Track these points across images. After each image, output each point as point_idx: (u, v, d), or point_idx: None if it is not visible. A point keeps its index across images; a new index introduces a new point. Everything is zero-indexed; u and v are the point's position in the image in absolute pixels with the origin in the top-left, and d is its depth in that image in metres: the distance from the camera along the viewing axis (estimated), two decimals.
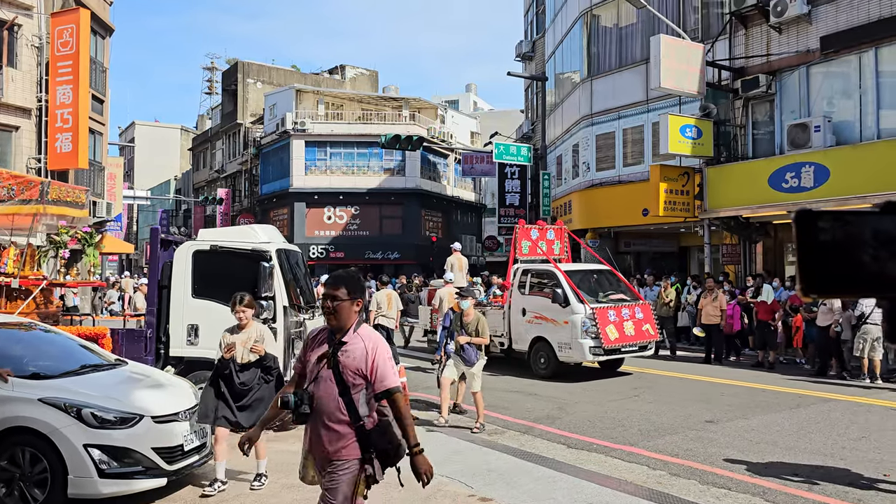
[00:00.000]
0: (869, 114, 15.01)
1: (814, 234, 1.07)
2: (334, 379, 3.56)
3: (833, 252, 1.07)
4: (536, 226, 14.59)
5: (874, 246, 1.05)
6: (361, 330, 3.65)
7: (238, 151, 45.49)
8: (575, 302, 12.18)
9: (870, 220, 1.07)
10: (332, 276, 3.78)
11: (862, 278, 1.06)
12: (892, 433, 8.23)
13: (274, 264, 8.26)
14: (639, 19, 20.26)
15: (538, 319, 12.75)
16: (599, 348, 11.96)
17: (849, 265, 1.06)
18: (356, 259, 35.10)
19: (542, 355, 12.71)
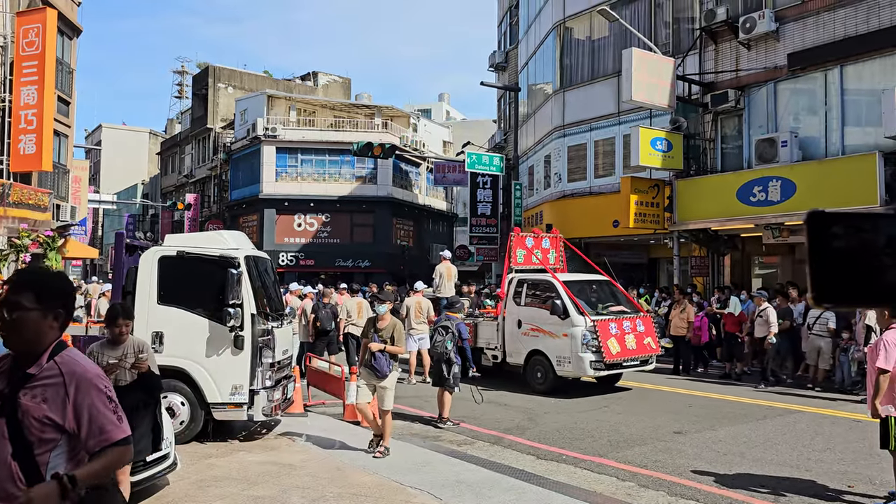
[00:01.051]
0: (834, 130, 15.30)
1: (826, 239, 1.01)
2: (7, 433, 2.34)
3: (847, 259, 1.01)
4: (532, 234, 14.02)
5: (889, 252, 0.99)
6: (63, 357, 2.44)
7: (207, 156, 44.97)
8: (575, 314, 11.69)
9: (885, 225, 1.01)
10: (17, 274, 2.58)
11: (877, 287, 1.00)
12: (857, 445, 8.34)
13: (242, 271, 8.12)
14: (611, 32, 20.47)
15: (535, 332, 12.27)
16: (601, 362, 11.46)
17: (864, 273, 1.00)
18: (326, 267, 34.85)
19: (540, 369, 12.17)
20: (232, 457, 7.70)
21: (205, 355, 8.11)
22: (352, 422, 9.69)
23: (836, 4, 15.08)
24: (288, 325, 9.66)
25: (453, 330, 9.90)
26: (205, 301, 8.23)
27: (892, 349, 5.80)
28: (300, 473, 7.04)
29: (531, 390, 12.08)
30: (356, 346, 13.73)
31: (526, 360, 12.45)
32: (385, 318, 8.06)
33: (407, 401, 11.62)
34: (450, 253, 17.01)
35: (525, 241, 13.59)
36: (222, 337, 8.08)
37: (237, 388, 8.11)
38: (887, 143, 13.67)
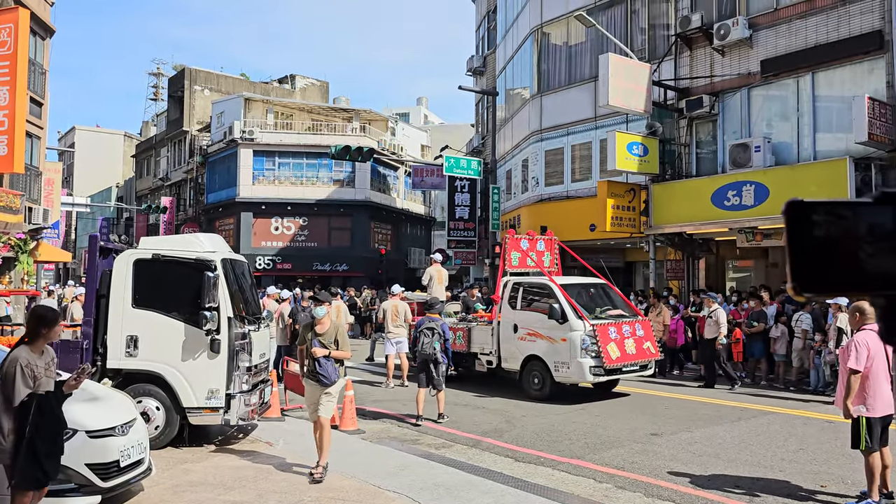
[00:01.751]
0: (806, 136, 15.55)
1: (806, 228, 1.02)
2: None
3: (827, 247, 1.01)
4: (526, 236, 13.58)
5: (869, 240, 1.00)
6: None
7: (183, 159, 44.56)
8: (573, 318, 11.39)
9: (865, 213, 1.02)
10: None
11: (858, 275, 1.01)
12: (829, 445, 8.47)
13: (219, 274, 8.06)
14: (588, 38, 20.62)
15: (532, 336, 11.92)
16: (600, 368, 11.20)
17: (844, 261, 1.01)
18: (304, 271, 34.68)
19: (536, 375, 11.87)
20: (208, 461, 7.63)
21: (180, 359, 8.03)
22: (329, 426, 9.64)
23: (808, 12, 15.33)
24: (265, 328, 9.61)
25: (438, 331, 10.12)
26: (181, 304, 8.15)
27: (863, 350, 5.91)
28: (277, 478, 7.00)
29: (527, 396, 11.78)
30: None
31: (522, 366, 12.13)
32: (324, 322, 7.47)
33: (385, 404, 11.60)
34: (441, 256, 16.55)
35: (520, 243, 13.23)
36: (198, 340, 8.01)
37: (213, 393, 8.04)
38: (857, 149, 13.92)
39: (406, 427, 9.92)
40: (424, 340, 10.12)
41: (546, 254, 13.60)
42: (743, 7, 16.52)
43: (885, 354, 6.00)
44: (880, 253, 0.99)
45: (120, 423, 5.91)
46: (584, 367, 11.16)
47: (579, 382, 11.74)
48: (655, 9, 18.95)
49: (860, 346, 5.91)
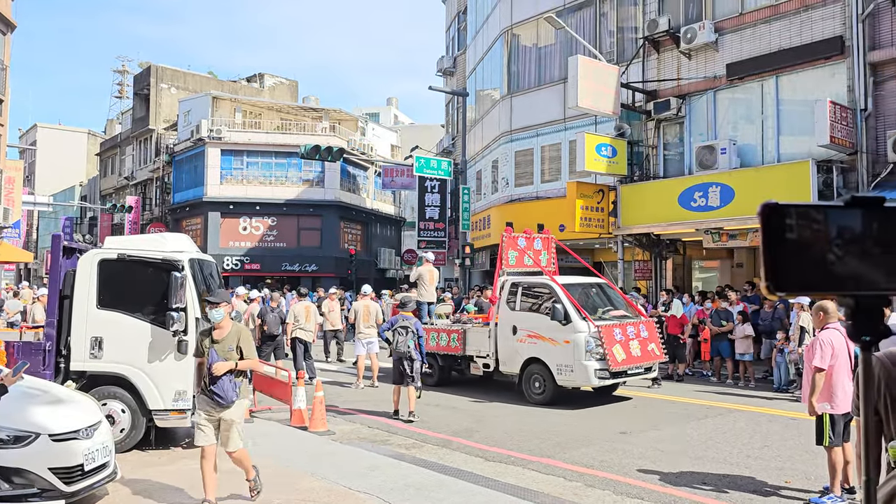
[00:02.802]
0: (770, 138, 15.84)
1: (779, 229, 1.04)
2: None
3: (799, 249, 1.04)
4: (524, 234, 13.13)
5: (839, 242, 1.04)
6: None
7: (149, 158, 43.88)
8: (577, 319, 10.95)
9: (835, 216, 1.05)
10: None
11: (828, 276, 1.04)
12: (793, 442, 8.63)
13: (186, 274, 7.94)
14: (557, 40, 20.76)
15: (532, 338, 11.47)
16: (605, 371, 10.77)
17: (815, 262, 1.04)
18: (273, 271, 34.38)
19: (537, 379, 11.42)
20: (175, 464, 7.52)
21: (147, 361, 7.91)
22: (299, 427, 9.58)
23: (772, 17, 15.62)
24: None
25: (412, 329, 10.34)
26: (147, 305, 8.03)
27: (827, 349, 6.03)
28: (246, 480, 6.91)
29: (528, 401, 11.40)
30: (304, 351, 13.61)
31: (522, 369, 11.67)
32: (223, 326, 6.21)
33: (355, 405, 11.55)
34: (433, 255, 16.01)
35: (517, 241, 12.79)
36: (165, 342, 7.89)
37: (181, 394, 7.92)
38: (819, 152, 14.21)
39: (376, 428, 9.89)
40: (399, 339, 10.30)
41: (543, 252, 13.27)
42: (709, 11, 16.78)
43: (848, 352, 6.13)
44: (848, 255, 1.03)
45: (84, 426, 5.79)
46: (589, 370, 10.73)
47: (584, 386, 11.35)
48: (624, 12, 19.15)
49: (824, 345, 6.03)
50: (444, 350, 13.06)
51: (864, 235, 1.04)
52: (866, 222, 1.05)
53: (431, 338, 12.99)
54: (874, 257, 1.04)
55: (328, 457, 7.91)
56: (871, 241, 1.04)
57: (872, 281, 1.04)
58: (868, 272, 1.04)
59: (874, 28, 14.12)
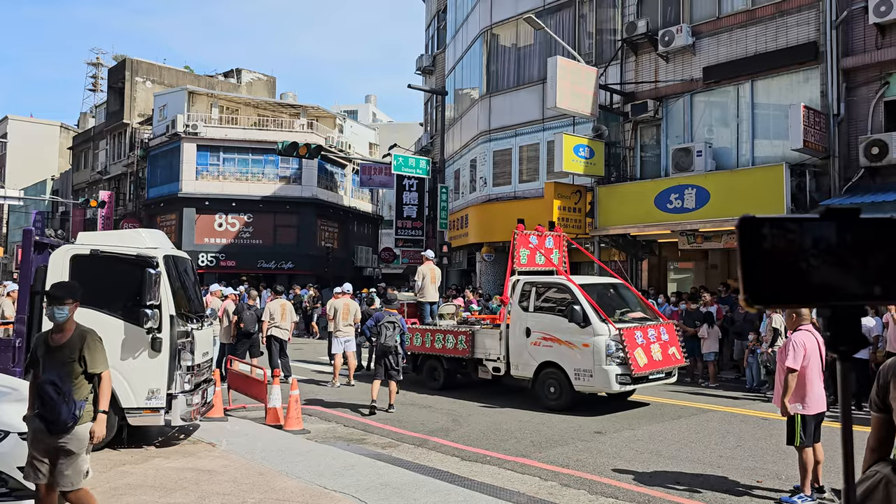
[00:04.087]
0: (745, 141, 16.04)
1: (757, 242, 1.06)
2: None
3: (775, 260, 1.06)
4: (535, 232, 12.60)
5: (814, 253, 1.06)
6: None
7: (123, 153, 43.30)
8: (597, 321, 10.43)
9: (810, 227, 1.07)
10: None
11: (805, 287, 1.06)
12: (765, 442, 8.74)
13: (161, 271, 7.85)
14: (536, 41, 20.83)
15: (548, 341, 10.94)
16: (627, 376, 10.23)
17: (792, 274, 1.06)
18: (248, 268, 34.10)
19: (553, 384, 10.91)
20: (148, 463, 7.43)
21: (119, 358, 7.78)
22: (274, 426, 9.52)
23: (748, 22, 15.81)
24: (208, 327, 9.41)
25: (398, 324, 10.80)
26: (120, 302, 7.92)
27: (799, 350, 6.12)
28: (220, 479, 6.86)
29: (543, 406, 10.91)
30: (279, 349, 13.53)
31: (536, 374, 11.16)
32: (66, 329, 4.95)
33: (332, 404, 11.50)
34: (433, 253, 15.38)
35: (529, 239, 12.28)
36: (139, 339, 7.79)
37: (154, 392, 7.83)
38: (793, 156, 14.41)
39: (353, 427, 9.87)
40: (387, 333, 10.67)
41: (555, 251, 12.79)
42: (687, 15, 16.94)
43: (819, 354, 6.23)
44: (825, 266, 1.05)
45: None
46: (610, 376, 10.20)
47: (603, 392, 10.70)
48: (603, 14, 19.27)
49: (797, 346, 6.12)
50: (450, 353, 12.52)
51: (839, 247, 1.07)
52: (842, 234, 1.07)
53: (437, 340, 12.68)
54: (850, 268, 1.07)
55: (303, 456, 7.87)
56: (846, 252, 1.07)
57: (848, 291, 1.07)
58: (844, 283, 1.07)
59: (847, 35, 14.36)
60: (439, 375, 12.91)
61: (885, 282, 1.07)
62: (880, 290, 1.07)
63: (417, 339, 13.10)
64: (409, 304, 14.16)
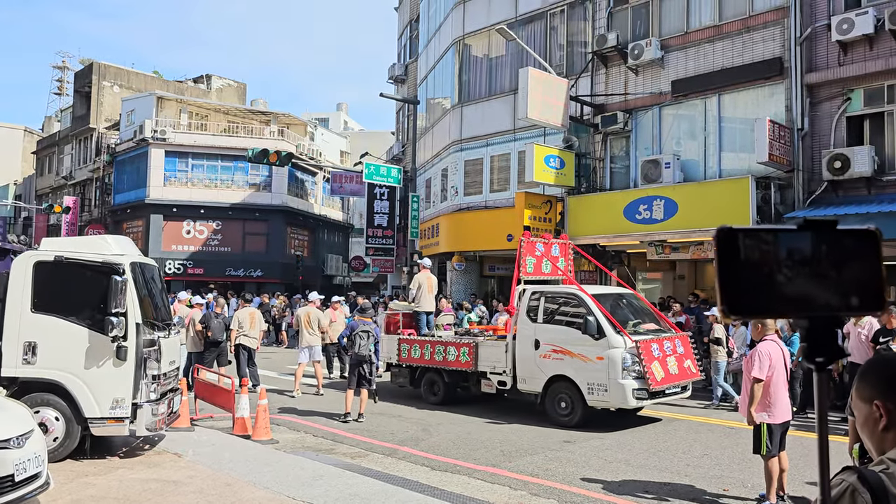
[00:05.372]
0: (712, 154, 16.29)
1: (734, 254, 1.06)
2: None
3: (753, 271, 1.06)
4: (542, 239, 12.18)
5: (791, 265, 1.06)
6: None
7: (89, 158, 42.59)
8: (612, 333, 9.98)
9: (788, 239, 1.07)
10: None
11: (781, 298, 1.07)
12: (731, 451, 8.85)
13: (127, 278, 7.72)
14: (508, 52, 20.97)
15: (558, 354, 10.44)
16: (644, 391, 9.79)
17: (769, 286, 1.06)
18: (216, 276, 33.72)
19: (564, 398, 10.42)
20: (111, 475, 7.29)
21: (83, 367, 7.65)
22: (242, 436, 9.40)
23: (716, 37, 16.10)
24: (175, 335, 9.27)
25: (373, 333, 10.79)
26: (85, 309, 7.78)
27: (765, 359, 6.22)
28: (186, 490, 6.75)
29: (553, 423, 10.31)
30: (247, 358, 13.39)
31: (545, 388, 10.63)
32: None
33: (301, 413, 11.39)
34: (430, 261, 14.90)
35: (535, 247, 11.87)
36: (103, 347, 7.65)
37: (118, 402, 7.69)
38: (759, 168, 14.67)
39: (322, 437, 9.78)
40: (360, 342, 10.65)
41: (560, 259, 12.36)
42: (656, 29, 17.20)
43: (784, 363, 6.34)
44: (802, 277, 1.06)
45: (15, 435, 5.56)
46: (626, 390, 9.73)
47: (619, 407, 10.24)
48: (573, 26, 19.47)
49: (763, 356, 6.22)
50: (451, 365, 11.90)
51: (816, 258, 1.07)
52: (818, 245, 1.07)
53: (438, 352, 12.10)
54: (827, 279, 1.06)
55: (271, 466, 7.78)
56: (823, 263, 1.07)
57: (825, 303, 1.07)
58: (821, 294, 1.06)
59: (811, 51, 14.69)
60: (439, 389, 12.29)
61: (861, 293, 1.07)
62: (857, 301, 1.08)
63: (416, 350, 12.47)
64: (404, 315, 13.60)
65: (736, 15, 15.86)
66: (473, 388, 11.97)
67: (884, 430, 1.58)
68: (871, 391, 1.61)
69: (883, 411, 1.57)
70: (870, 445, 1.64)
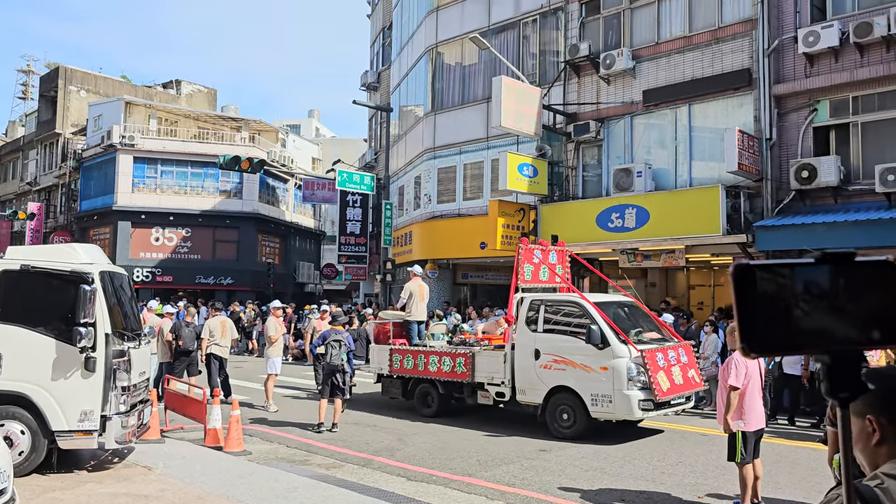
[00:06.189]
0: (682, 163, 16.50)
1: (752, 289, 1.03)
2: None
3: (771, 307, 1.03)
4: (539, 246, 11.89)
5: (810, 299, 1.04)
6: None
7: (55, 163, 41.82)
8: (616, 343, 9.73)
9: (805, 272, 1.05)
10: None
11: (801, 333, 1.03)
12: (705, 458, 8.93)
13: (96, 288, 7.56)
14: (481, 60, 21.05)
15: (560, 364, 10.14)
16: (650, 401, 9.51)
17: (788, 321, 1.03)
18: (186, 284, 33.27)
19: (566, 410, 10.12)
20: (79, 489, 7.11)
21: (50, 378, 7.46)
22: (213, 447, 9.24)
23: (686, 48, 16.33)
24: (146, 345, 9.10)
25: (345, 342, 10.71)
26: (52, 319, 7.59)
27: (741, 368, 6.28)
28: None
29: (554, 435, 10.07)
30: (218, 367, 13.19)
31: (546, 399, 10.32)
32: None
33: (273, 424, 11.25)
34: (421, 268, 14.43)
35: (533, 254, 11.54)
36: (72, 358, 7.47)
37: (87, 414, 7.50)
38: (728, 178, 14.88)
39: (295, 447, 9.66)
40: (332, 352, 10.58)
41: (558, 266, 12.09)
42: (627, 39, 17.39)
43: (759, 372, 6.41)
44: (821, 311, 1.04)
45: None
46: (632, 401, 9.47)
47: (624, 419, 9.95)
48: (546, 35, 19.61)
49: (739, 365, 6.28)
50: (446, 376, 11.53)
51: (835, 291, 1.05)
52: (836, 277, 1.05)
53: (432, 362, 11.74)
54: (846, 312, 1.05)
55: (245, 478, 7.65)
56: (842, 296, 1.05)
57: (846, 336, 1.05)
58: (841, 328, 1.04)
59: (779, 62, 14.96)
60: (432, 401, 11.92)
61: (882, 325, 1.05)
62: (879, 335, 1.06)
63: (409, 361, 12.08)
64: (394, 324, 13.18)
65: (706, 26, 16.10)
66: (469, 399, 11.61)
67: (877, 444, 1.58)
68: (864, 406, 1.61)
69: (876, 426, 1.58)
70: (862, 460, 1.64)
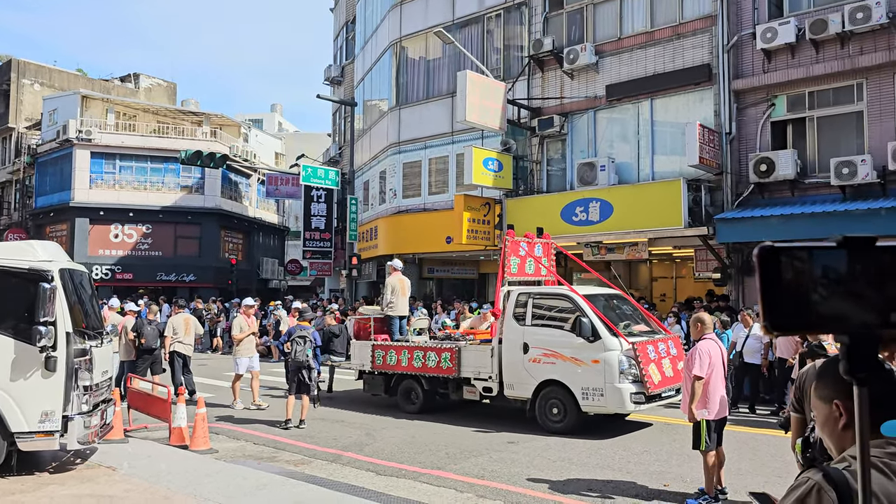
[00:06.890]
0: (644, 157, 16.73)
1: (776, 271, 1.08)
2: None
3: (794, 289, 1.08)
4: (525, 239, 11.72)
5: (830, 282, 1.08)
6: None
7: (8, 159, 40.72)
8: (607, 335, 9.61)
9: (827, 256, 1.09)
10: None
11: (821, 314, 1.08)
12: (669, 446, 9.09)
13: (56, 286, 7.39)
14: (445, 55, 21.05)
15: (549, 357, 9.99)
16: (642, 394, 9.43)
17: (809, 302, 1.08)
18: (146, 281, 32.71)
19: (556, 404, 9.97)
20: (41, 491, 6.96)
21: (9, 379, 7.28)
22: (179, 446, 9.13)
23: (647, 43, 16.54)
24: (108, 343, 8.93)
25: (310, 338, 10.67)
26: (10, 318, 7.40)
27: (705, 358, 6.41)
28: None
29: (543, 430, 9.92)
30: (182, 365, 13.03)
31: (535, 393, 10.16)
32: None
33: (239, 421, 11.15)
34: (401, 263, 14.08)
35: (520, 246, 11.43)
36: (31, 358, 7.30)
37: (48, 415, 7.34)
38: (690, 171, 15.14)
39: (263, 444, 9.59)
40: (297, 348, 10.54)
41: (543, 259, 11.98)
42: (590, 34, 17.55)
43: (722, 361, 6.55)
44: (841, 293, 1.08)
45: None
46: (624, 394, 9.36)
47: (615, 412, 9.88)
48: (510, 30, 19.69)
49: (703, 354, 6.41)
50: (431, 372, 11.29)
51: (856, 275, 1.09)
52: (858, 262, 1.09)
53: (416, 358, 11.45)
54: (866, 296, 1.09)
55: (212, 476, 7.57)
56: (863, 280, 1.09)
57: (865, 319, 1.09)
58: (860, 310, 1.09)
59: (737, 58, 15.24)
60: (417, 397, 11.67)
61: None
62: None
63: (392, 357, 11.75)
64: (375, 319, 12.87)
65: (667, 22, 16.33)
66: (454, 395, 11.36)
67: (843, 428, 1.63)
68: (831, 391, 1.66)
69: (843, 410, 1.63)
70: (830, 444, 1.69)
